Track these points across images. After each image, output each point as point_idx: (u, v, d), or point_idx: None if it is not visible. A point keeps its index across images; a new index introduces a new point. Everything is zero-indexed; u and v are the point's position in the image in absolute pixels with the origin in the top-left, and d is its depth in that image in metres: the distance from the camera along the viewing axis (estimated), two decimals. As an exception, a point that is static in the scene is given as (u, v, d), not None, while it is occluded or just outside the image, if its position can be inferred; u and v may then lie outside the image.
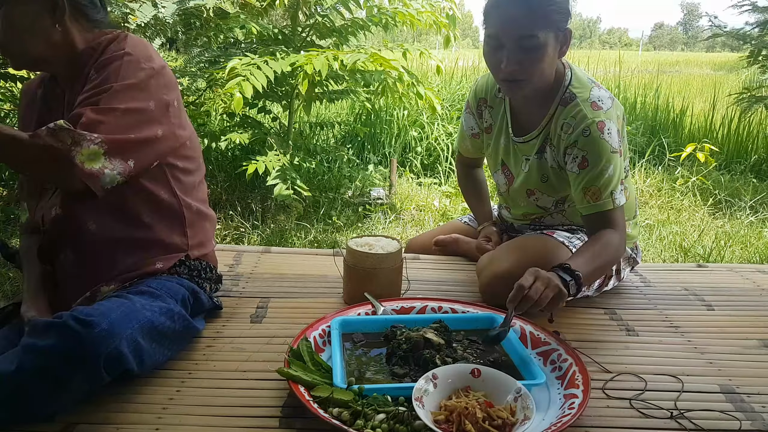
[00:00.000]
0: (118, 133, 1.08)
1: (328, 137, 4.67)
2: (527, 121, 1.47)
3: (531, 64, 1.29)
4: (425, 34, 3.75)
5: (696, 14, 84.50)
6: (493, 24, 1.30)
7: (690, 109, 5.40)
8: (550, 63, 1.32)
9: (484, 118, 1.59)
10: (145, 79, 1.13)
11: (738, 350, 1.27)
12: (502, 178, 1.60)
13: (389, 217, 3.36)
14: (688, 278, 1.70)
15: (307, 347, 1.11)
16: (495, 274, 1.39)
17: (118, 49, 1.13)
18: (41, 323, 0.96)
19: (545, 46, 1.28)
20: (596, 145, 1.31)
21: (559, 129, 1.38)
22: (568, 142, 1.35)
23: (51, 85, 1.25)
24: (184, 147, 1.25)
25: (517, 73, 1.30)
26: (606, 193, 1.32)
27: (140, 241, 1.20)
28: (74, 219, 1.17)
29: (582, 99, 1.35)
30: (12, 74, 3.04)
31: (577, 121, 1.33)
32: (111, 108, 1.08)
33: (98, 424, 0.97)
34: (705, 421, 1.01)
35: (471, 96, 1.62)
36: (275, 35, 3.33)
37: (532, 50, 1.27)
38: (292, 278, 1.62)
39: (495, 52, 1.31)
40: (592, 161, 1.32)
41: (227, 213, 3.31)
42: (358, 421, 0.92)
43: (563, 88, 1.39)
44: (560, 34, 1.30)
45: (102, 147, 1.06)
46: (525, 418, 0.90)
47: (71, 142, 1.04)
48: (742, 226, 3.33)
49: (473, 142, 1.68)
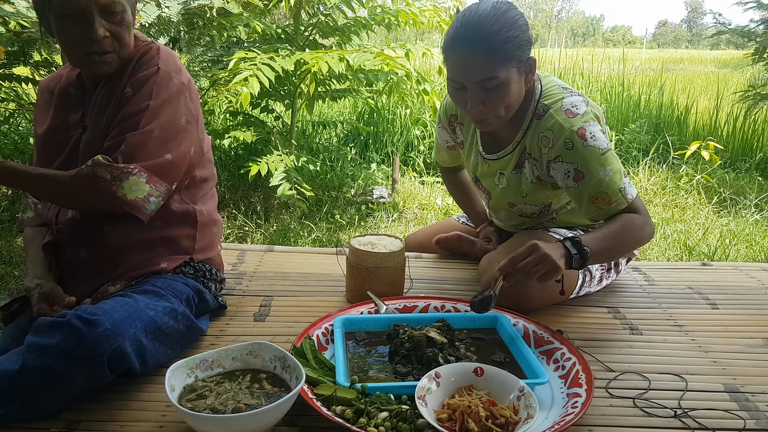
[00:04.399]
0: (158, 155, 1.12)
1: (330, 136, 4.68)
2: (501, 137, 1.44)
3: (495, 102, 1.26)
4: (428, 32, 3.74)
5: (700, 12, 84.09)
6: (452, 68, 1.26)
7: (694, 107, 5.38)
8: (516, 96, 1.28)
9: (457, 134, 1.58)
10: (177, 95, 1.16)
11: (742, 349, 1.26)
12: (481, 192, 1.59)
13: (392, 216, 3.35)
14: (693, 277, 1.69)
15: (310, 345, 1.11)
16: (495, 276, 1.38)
17: (152, 64, 1.15)
18: (46, 322, 0.96)
19: (508, 83, 1.24)
20: (583, 155, 1.27)
21: (537, 142, 1.34)
22: (551, 156, 1.32)
23: (65, 85, 1.25)
24: (204, 158, 1.28)
25: (483, 113, 1.28)
26: (615, 195, 1.28)
27: (150, 242, 1.22)
28: (90, 222, 1.19)
29: (555, 110, 1.31)
30: (17, 75, 3.05)
31: (555, 134, 1.30)
32: (148, 131, 1.11)
33: (103, 422, 0.97)
34: (709, 420, 1.00)
35: (441, 111, 1.59)
36: (278, 34, 3.33)
37: (495, 90, 1.24)
38: (295, 277, 1.63)
39: (458, 93, 1.29)
40: (586, 172, 1.28)
41: (231, 212, 3.31)
42: (361, 419, 0.92)
43: (534, 102, 1.35)
44: (522, 65, 1.26)
45: (141, 176, 1.10)
46: (528, 416, 0.90)
47: (111, 177, 1.08)
48: (747, 224, 3.31)
49: (449, 153, 1.66)
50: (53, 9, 1.09)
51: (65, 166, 1.16)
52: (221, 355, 1.03)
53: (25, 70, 3.14)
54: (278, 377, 1.01)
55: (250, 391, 0.97)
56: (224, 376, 1.01)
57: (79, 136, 1.20)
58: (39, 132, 1.26)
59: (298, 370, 0.97)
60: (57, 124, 1.23)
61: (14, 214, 3.02)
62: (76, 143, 1.20)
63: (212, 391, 0.97)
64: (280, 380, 1.00)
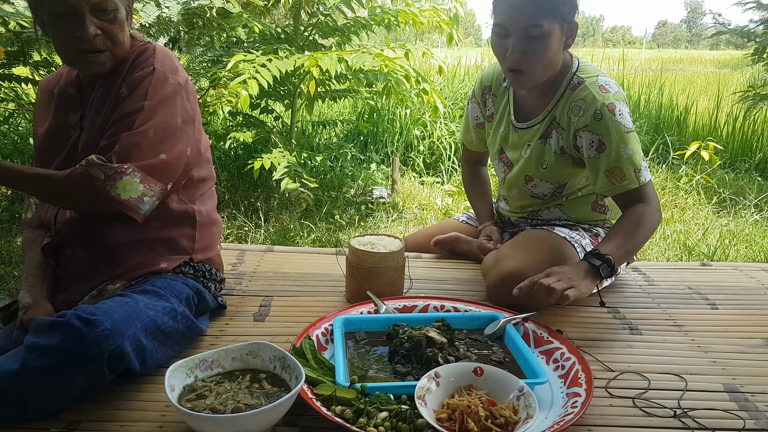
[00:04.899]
0: (152, 155, 1.11)
1: (330, 136, 4.68)
2: (531, 107, 1.50)
3: (535, 53, 1.32)
4: (427, 32, 3.74)
5: (700, 12, 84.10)
6: (500, 13, 1.34)
7: (694, 107, 5.38)
8: (554, 54, 1.35)
9: (488, 107, 1.62)
10: (173, 95, 1.15)
11: (742, 349, 1.26)
12: (501, 166, 1.62)
13: (392, 216, 3.35)
14: (692, 277, 1.69)
15: (309, 345, 1.11)
16: (503, 273, 1.39)
17: (148, 64, 1.15)
18: (45, 322, 0.96)
19: (550, 35, 1.31)
20: (609, 128, 1.34)
21: (567, 111, 1.41)
22: (579, 125, 1.38)
23: (65, 86, 1.25)
24: (202, 158, 1.27)
25: (521, 61, 1.33)
26: (630, 173, 1.35)
27: (149, 242, 1.22)
28: (88, 223, 1.18)
29: (590, 83, 1.39)
30: (16, 75, 3.05)
31: (587, 104, 1.36)
32: (143, 131, 1.11)
33: (102, 422, 0.97)
34: (708, 420, 1.00)
35: (477, 84, 1.65)
36: (278, 34, 3.33)
37: (537, 39, 1.31)
38: (295, 277, 1.62)
39: (501, 40, 1.35)
40: (608, 145, 1.35)
41: (230, 212, 3.31)
42: (361, 419, 0.92)
43: (570, 75, 1.42)
44: (566, 25, 1.34)
45: (135, 176, 1.09)
46: (528, 416, 0.90)
47: (104, 177, 1.07)
48: (747, 224, 3.31)
49: (477, 132, 1.70)
50: (46, 7, 1.09)
51: (64, 166, 1.16)
52: (221, 355, 1.03)
53: (24, 70, 3.14)
54: (278, 377, 1.01)
55: (249, 391, 0.97)
56: (224, 376, 1.01)
57: (78, 136, 1.20)
58: (39, 132, 1.26)
59: (298, 370, 0.97)
60: (57, 124, 1.23)
61: (14, 214, 3.02)
62: (75, 144, 1.20)
63: (212, 391, 0.97)
64: (280, 380, 1.00)
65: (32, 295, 1.17)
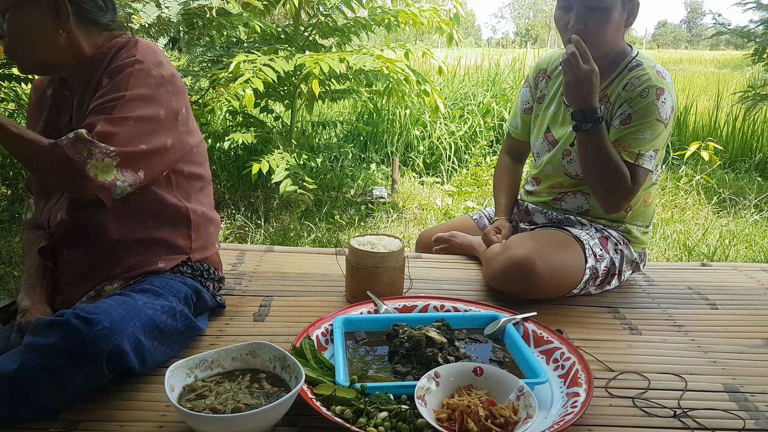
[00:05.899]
0: (131, 144, 1.09)
1: (330, 136, 4.68)
2: None
3: (596, 25, 1.36)
4: (427, 33, 3.74)
5: (700, 12, 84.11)
6: None
7: (694, 108, 5.39)
8: (614, 29, 1.38)
9: (539, 88, 1.65)
10: (156, 88, 1.13)
11: (742, 349, 1.26)
12: (545, 145, 1.61)
13: (391, 216, 3.36)
14: (692, 277, 1.69)
15: (309, 345, 1.11)
16: (512, 259, 1.39)
17: (129, 56, 1.14)
18: (44, 321, 0.96)
19: (611, 9, 1.35)
20: (645, 107, 1.37)
21: (621, 88, 1.43)
22: (624, 98, 1.41)
23: (59, 87, 1.25)
24: (192, 153, 1.26)
25: (582, 33, 1.36)
26: (633, 150, 1.38)
27: (145, 241, 1.21)
28: (80, 224, 1.18)
29: (649, 66, 1.42)
30: (16, 75, 3.05)
31: (641, 81, 1.40)
32: (123, 118, 1.09)
33: (102, 422, 0.97)
34: (708, 420, 1.00)
35: (532, 69, 1.69)
36: (278, 34, 3.33)
37: (599, 11, 1.34)
38: (295, 277, 1.62)
39: (564, 14, 1.39)
40: (634, 119, 1.38)
41: (230, 212, 3.31)
42: (361, 419, 0.92)
43: (630, 58, 1.46)
44: (627, 4, 1.38)
45: (115, 159, 1.08)
46: (527, 416, 0.90)
47: (87, 154, 1.05)
48: (747, 224, 3.32)
49: (524, 117, 1.71)
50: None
51: None
52: (221, 355, 1.03)
53: (24, 70, 3.14)
54: (278, 377, 1.01)
55: (249, 391, 0.97)
56: (224, 376, 1.01)
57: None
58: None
59: (298, 370, 0.97)
60: (50, 125, 1.23)
61: (14, 214, 3.02)
62: None
63: (212, 391, 0.97)
64: (280, 380, 1.00)
65: (30, 298, 1.16)
